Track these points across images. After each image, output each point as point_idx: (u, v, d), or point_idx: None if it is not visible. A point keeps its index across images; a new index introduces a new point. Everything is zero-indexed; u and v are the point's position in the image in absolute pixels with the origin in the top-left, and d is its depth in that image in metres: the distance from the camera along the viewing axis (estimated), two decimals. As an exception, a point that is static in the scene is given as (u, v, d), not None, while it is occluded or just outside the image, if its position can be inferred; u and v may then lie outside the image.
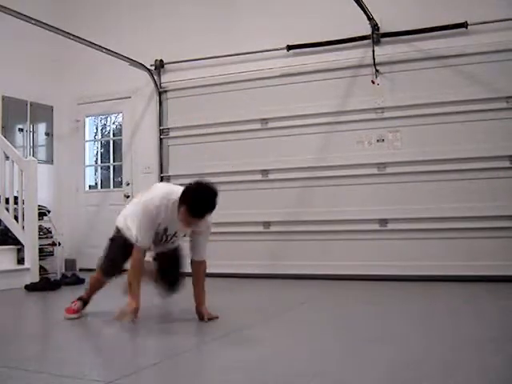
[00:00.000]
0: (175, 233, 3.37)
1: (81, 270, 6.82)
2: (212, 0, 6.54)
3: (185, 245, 3.53)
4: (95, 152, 7.70)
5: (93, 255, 6.97)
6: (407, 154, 5.49)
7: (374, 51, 5.56)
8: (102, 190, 7.48)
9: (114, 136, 7.56)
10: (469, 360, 2.38)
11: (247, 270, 5.72)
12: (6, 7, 4.74)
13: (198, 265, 3.36)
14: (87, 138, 7.43)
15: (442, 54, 5.41)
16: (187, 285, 3.48)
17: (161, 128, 6.68)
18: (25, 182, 5.46)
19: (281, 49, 6.02)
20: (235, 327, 3.24)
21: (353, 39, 5.71)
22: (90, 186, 7.48)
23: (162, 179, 6.61)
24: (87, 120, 7.43)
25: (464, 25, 5.27)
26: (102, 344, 2.96)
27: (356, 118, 5.72)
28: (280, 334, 3.10)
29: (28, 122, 6.91)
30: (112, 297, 3.52)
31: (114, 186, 7.35)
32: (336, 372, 2.26)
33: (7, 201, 5.50)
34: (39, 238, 5.67)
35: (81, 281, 5.58)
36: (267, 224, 5.99)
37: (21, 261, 5.42)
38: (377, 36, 5.60)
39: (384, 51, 5.61)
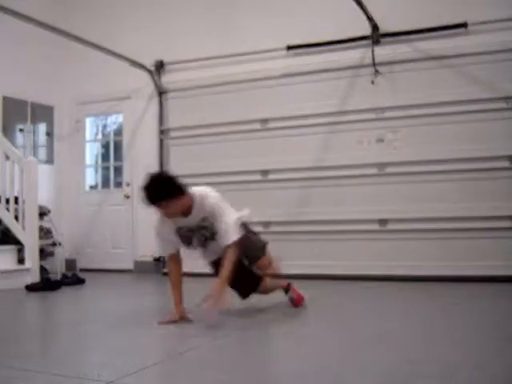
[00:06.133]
0: (193, 230, 3.32)
1: (81, 270, 6.82)
2: (212, 0, 6.55)
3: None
4: (95, 152, 7.70)
5: (93, 255, 7.09)
6: (407, 154, 5.49)
7: (373, 51, 5.56)
8: (103, 190, 7.48)
9: (114, 136, 7.56)
10: (469, 360, 2.39)
11: (247, 270, 5.70)
12: (6, 7, 4.75)
13: (225, 250, 3.26)
14: (87, 138, 7.45)
15: (442, 54, 5.41)
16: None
17: (161, 128, 6.69)
18: (25, 181, 5.47)
19: (281, 49, 6.03)
20: (236, 327, 3.24)
21: (353, 39, 5.72)
22: (90, 186, 7.49)
23: (162, 179, 6.61)
24: (87, 120, 7.44)
25: (464, 25, 5.28)
26: (102, 344, 2.97)
27: (356, 118, 5.72)
28: (280, 334, 3.10)
29: (28, 122, 6.92)
30: (114, 298, 3.53)
31: (114, 187, 7.35)
32: (336, 372, 2.26)
33: (7, 201, 5.50)
34: (39, 237, 5.68)
35: (81, 281, 5.59)
36: (267, 224, 6.00)
37: (21, 261, 5.43)
38: (377, 36, 5.61)
39: (384, 51, 5.61)
